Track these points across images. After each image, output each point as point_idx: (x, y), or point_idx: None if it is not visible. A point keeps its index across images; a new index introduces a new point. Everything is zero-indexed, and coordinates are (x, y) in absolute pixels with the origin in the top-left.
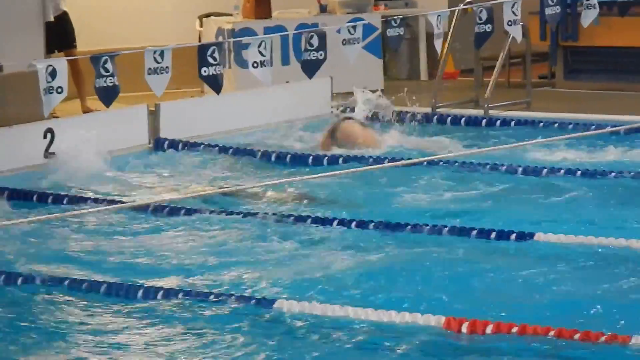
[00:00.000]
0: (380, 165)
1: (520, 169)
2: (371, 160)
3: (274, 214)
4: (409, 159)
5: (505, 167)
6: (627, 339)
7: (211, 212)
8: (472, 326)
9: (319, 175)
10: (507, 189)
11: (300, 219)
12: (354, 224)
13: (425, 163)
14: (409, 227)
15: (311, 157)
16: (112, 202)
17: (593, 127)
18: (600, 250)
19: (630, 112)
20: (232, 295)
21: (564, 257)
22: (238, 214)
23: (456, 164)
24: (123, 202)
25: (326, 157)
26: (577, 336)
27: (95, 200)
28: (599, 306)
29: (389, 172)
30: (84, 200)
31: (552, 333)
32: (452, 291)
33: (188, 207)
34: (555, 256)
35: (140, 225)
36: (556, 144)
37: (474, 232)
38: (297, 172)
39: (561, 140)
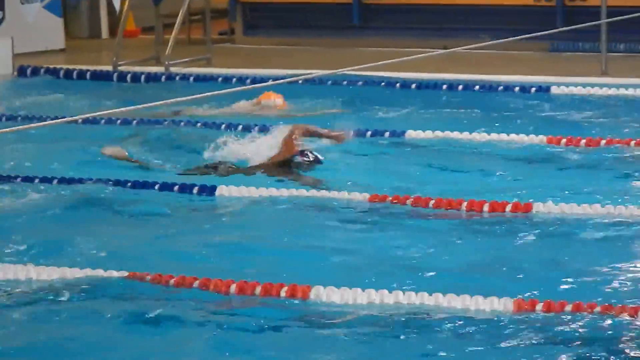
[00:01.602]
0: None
1: (199, 124)
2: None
3: None
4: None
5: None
6: (307, 289)
7: None
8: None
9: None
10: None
11: None
12: (37, 180)
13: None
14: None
15: None
16: None
17: (270, 80)
18: (287, 200)
19: (307, 66)
20: None
21: (247, 210)
22: None
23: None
24: None
25: (20, 117)
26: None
27: None
28: (295, 258)
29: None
30: None
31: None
32: (157, 248)
33: None
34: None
35: None
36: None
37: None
38: None
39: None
